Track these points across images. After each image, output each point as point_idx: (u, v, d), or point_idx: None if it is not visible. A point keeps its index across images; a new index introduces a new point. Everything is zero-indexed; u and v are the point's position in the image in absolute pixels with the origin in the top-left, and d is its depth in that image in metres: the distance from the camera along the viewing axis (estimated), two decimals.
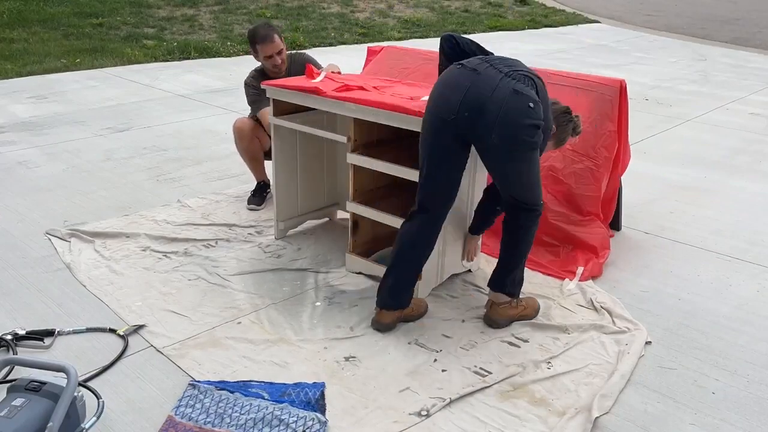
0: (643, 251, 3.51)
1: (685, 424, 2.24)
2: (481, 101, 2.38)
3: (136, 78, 7.25)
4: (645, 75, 8.44)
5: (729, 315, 2.93)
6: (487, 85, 2.40)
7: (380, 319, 2.70)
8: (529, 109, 2.38)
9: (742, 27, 13.68)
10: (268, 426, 2.13)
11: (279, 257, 3.33)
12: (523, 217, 2.64)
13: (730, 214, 4.06)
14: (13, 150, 4.81)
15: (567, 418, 2.23)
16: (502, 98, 2.37)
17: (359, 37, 10.47)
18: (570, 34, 11.99)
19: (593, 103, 3.34)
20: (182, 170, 4.52)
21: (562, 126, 2.70)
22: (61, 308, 2.82)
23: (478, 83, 2.41)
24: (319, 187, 3.69)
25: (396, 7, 13.16)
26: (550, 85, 3.43)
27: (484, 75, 2.42)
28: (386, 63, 4.04)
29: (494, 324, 2.75)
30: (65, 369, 1.99)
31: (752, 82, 8.25)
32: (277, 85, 3.21)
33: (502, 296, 2.75)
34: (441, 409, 2.27)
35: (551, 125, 2.59)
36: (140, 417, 2.19)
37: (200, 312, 2.82)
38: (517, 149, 2.44)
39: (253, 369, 2.45)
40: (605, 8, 15.56)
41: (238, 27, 10.39)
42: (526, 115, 2.38)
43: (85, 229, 3.51)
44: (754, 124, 6.23)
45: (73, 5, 10.59)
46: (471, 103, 2.40)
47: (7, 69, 7.23)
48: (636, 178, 4.55)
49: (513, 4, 14.79)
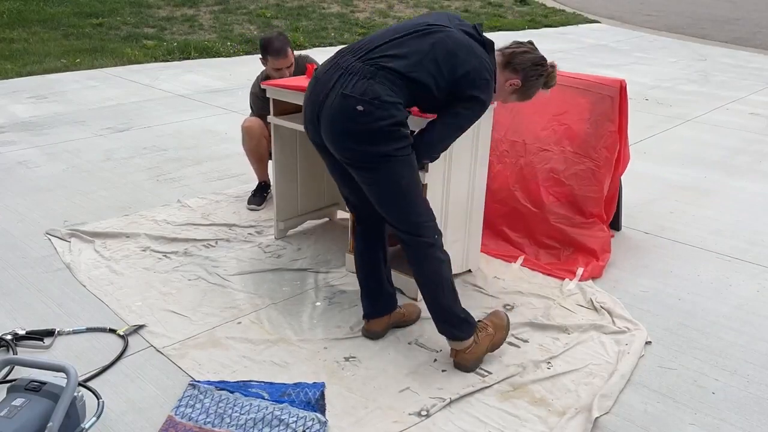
0: (643, 251, 3.51)
1: (685, 424, 2.25)
2: (315, 111, 2.20)
3: (136, 78, 7.25)
4: (645, 75, 8.44)
5: (729, 315, 2.93)
6: (321, 90, 2.17)
7: (369, 327, 2.66)
8: (357, 113, 2.09)
9: (742, 27, 13.68)
10: (268, 426, 2.13)
11: (279, 257, 3.33)
12: (407, 251, 2.36)
13: (730, 214, 4.06)
14: (13, 150, 4.81)
15: (567, 418, 2.23)
16: (330, 105, 2.14)
17: (359, 37, 10.45)
18: (570, 34, 11.99)
19: (593, 103, 3.34)
20: (182, 170, 4.52)
21: (531, 80, 2.41)
22: (61, 308, 2.82)
23: (315, 88, 2.21)
24: (319, 187, 3.69)
25: (396, 7, 13.16)
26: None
27: (324, 78, 2.20)
28: None
29: (466, 369, 2.46)
30: (65, 369, 1.99)
31: (752, 82, 8.25)
32: (277, 85, 3.21)
33: (458, 343, 2.44)
34: (441, 409, 2.27)
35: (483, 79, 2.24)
36: (140, 417, 2.19)
37: (200, 312, 2.82)
38: (360, 164, 2.18)
39: (253, 369, 2.45)
40: (605, 8, 15.55)
41: (238, 27, 10.39)
42: (352, 121, 2.11)
43: (85, 229, 3.51)
44: (754, 124, 6.23)
45: (73, 5, 10.59)
46: (308, 114, 2.24)
47: (7, 69, 7.23)
48: (636, 178, 4.55)
49: (513, 4, 14.79)
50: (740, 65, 9.52)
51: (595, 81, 3.40)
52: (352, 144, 2.15)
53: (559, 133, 3.39)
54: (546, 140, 3.40)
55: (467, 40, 2.29)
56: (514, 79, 2.43)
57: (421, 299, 2.93)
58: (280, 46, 3.61)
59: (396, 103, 2.15)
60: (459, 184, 2.94)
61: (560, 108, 3.40)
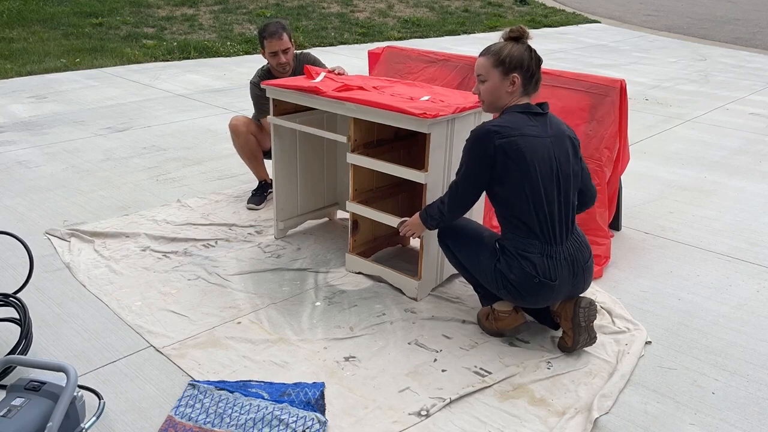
0: (643, 251, 3.51)
1: (685, 424, 2.24)
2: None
3: (136, 78, 7.25)
4: (645, 75, 8.45)
5: (729, 315, 2.93)
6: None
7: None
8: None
9: (742, 27, 13.68)
10: (267, 426, 2.13)
11: (279, 257, 3.33)
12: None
13: (730, 214, 4.06)
14: (12, 150, 4.81)
15: (567, 418, 2.22)
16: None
17: (359, 37, 10.47)
18: (570, 34, 11.99)
19: (594, 103, 3.34)
20: (182, 170, 4.52)
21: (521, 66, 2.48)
22: (61, 308, 2.81)
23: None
24: (319, 187, 3.69)
25: (396, 7, 13.16)
26: (550, 85, 3.46)
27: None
28: (389, 66, 4.04)
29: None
30: (65, 369, 1.99)
31: (752, 82, 8.26)
32: (276, 84, 3.21)
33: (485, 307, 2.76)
34: (441, 409, 2.26)
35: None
36: (140, 417, 2.19)
37: (200, 312, 2.82)
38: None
39: (253, 369, 2.45)
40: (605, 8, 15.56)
41: (238, 27, 10.39)
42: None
43: (84, 228, 3.51)
44: (754, 124, 6.23)
45: (72, 5, 10.59)
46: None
47: (7, 68, 7.23)
48: (636, 178, 4.55)
49: (513, 4, 14.79)
50: (740, 65, 9.52)
51: (595, 81, 3.40)
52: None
53: None
54: None
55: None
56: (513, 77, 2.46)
57: (422, 296, 2.94)
58: (275, 29, 3.65)
59: None
60: None
61: (560, 108, 3.39)
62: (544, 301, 2.52)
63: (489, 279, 2.53)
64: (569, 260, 2.46)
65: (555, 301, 2.54)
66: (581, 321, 2.49)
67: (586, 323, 2.51)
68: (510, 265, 2.45)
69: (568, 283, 2.48)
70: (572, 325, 2.51)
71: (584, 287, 2.57)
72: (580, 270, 2.50)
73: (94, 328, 2.68)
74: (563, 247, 2.46)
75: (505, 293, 2.50)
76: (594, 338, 2.56)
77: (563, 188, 2.46)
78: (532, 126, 2.43)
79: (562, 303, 2.57)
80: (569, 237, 2.49)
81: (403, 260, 3.28)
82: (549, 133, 2.45)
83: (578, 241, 2.52)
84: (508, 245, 2.48)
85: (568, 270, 2.46)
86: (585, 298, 2.52)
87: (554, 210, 2.44)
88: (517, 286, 2.45)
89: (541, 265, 2.42)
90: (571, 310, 2.51)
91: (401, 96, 2.95)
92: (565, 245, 2.47)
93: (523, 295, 2.47)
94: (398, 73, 3.94)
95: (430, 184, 2.77)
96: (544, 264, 2.42)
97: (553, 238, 2.44)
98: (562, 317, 2.56)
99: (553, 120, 2.51)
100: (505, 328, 2.65)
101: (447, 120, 2.75)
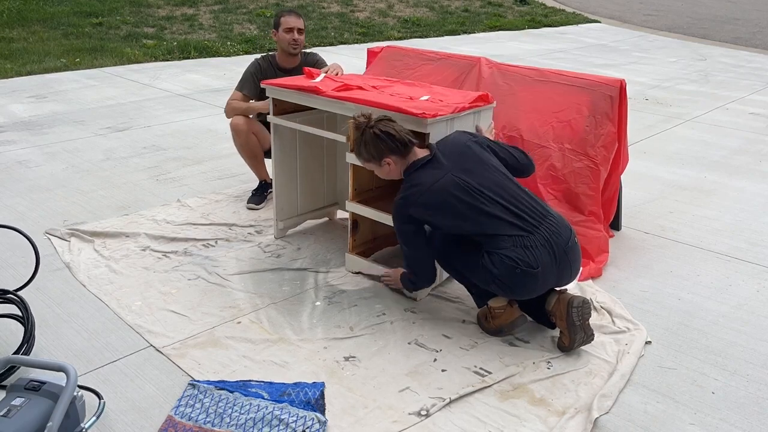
0: (643, 251, 3.51)
1: (685, 424, 2.24)
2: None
3: (136, 77, 7.25)
4: (645, 75, 8.45)
5: (729, 315, 2.93)
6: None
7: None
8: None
9: (742, 27, 13.67)
10: (267, 426, 2.13)
11: (279, 257, 3.33)
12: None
13: (730, 214, 4.06)
14: (12, 149, 4.81)
15: (567, 418, 2.22)
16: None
17: (359, 37, 10.47)
18: (570, 34, 11.99)
19: (593, 102, 3.34)
20: (182, 170, 4.52)
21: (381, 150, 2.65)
22: (61, 308, 2.81)
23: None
24: (319, 187, 3.69)
25: (396, 7, 13.16)
26: (550, 84, 3.46)
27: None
28: (387, 63, 4.04)
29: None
30: (65, 369, 1.99)
31: (752, 82, 8.26)
32: (276, 84, 3.20)
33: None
34: (441, 409, 2.26)
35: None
36: (140, 417, 2.19)
37: (200, 312, 2.82)
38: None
39: (253, 369, 2.45)
40: (605, 8, 15.56)
41: (238, 26, 10.38)
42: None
43: (84, 228, 3.51)
44: (754, 124, 6.23)
45: (72, 4, 10.59)
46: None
47: (7, 68, 7.23)
48: (636, 178, 4.55)
49: (513, 4, 14.78)
50: (740, 65, 9.52)
51: (595, 80, 3.40)
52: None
53: (557, 130, 3.38)
54: (545, 137, 3.40)
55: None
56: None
57: (422, 296, 2.94)
58: (292, 9, 3.85)
59: None
60: None
61: (560, 106, 3.40)
62: (534, 290, 2.54)
63: (479, 276, 2.56)
64: (547, 245, 2.48)
65: (545, 287, 2.56)
66: (575, 320, 2.51)
67: (581, 322, 2.52)
68: (492, 261, 2.49)
69: (552, 267, 2.50)
70: (567, 324, 2.52)
71: (573, 269, 2.58)
72: (562, 251, 2.51)
73: (94, 328, 2.68)
74: (538, 233, 2.49)
75: (495, 288, 2.54)
76: (591, 336, 2.57)
77: (498, 191, 2.53)
78: (431, 172, 2.57)
79: (556, 302, 2.57)
80: (543, 223, 2.52)
81: (403, 260, 3.28)
82: (448, 166, 2.58)
83: (554, 223, 2.54)
84: (487, 247, 2.54)
85: (549, 254, 2.48)
86: (578, 297, 2.54)
87: (504, 210, 2.50)
88: (503, 280, 2.48)
89: (520, 255, 2.46)
90: (564, 309, 2.52)
91: (400, 96, 2.95)
92: (538, 232, 2.49)
93: (512, 287, 2.51)
94: (395, 71, 3.94)
95: None
96: (522, 254, 2.46)
97: (522, 230, 2.48)
98: (557, 317, 2.57)
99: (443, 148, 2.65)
100: (502, 324, 2.66)
101: (446, 120, 2.75)
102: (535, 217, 2.52)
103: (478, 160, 2.61)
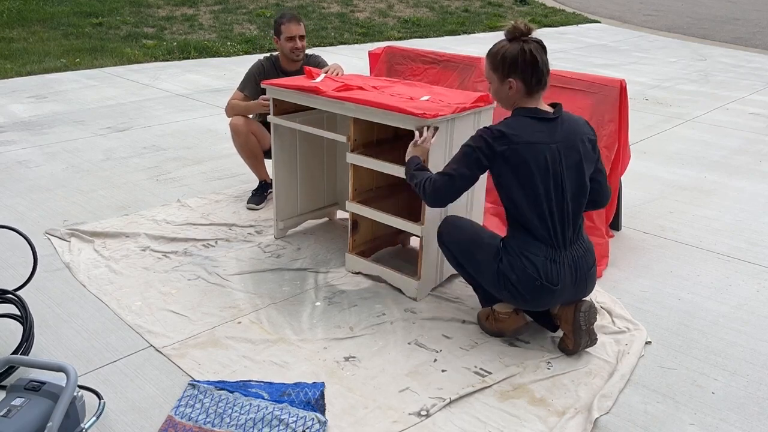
0: (643, 251, 3.50)
1: (685, 424, 2.24)
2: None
3: (136, 77, 7.25)
4: (645, 75, 8.45)
5: (729, 315, 2.93)
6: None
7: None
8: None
9: (742, 27, 13.68)
10: (267, 426, 2.13)
11: (279, 257, 3.33)
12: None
13: (730, 214, 4.06)
14: (12, 149, 4.81)
15: (567, 418, 2.22)
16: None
17: (359, 37, 10.47)
18: (570, 34, 12.00)
19: (594, 103, 3.34)
20: (182, 170, 4.52)
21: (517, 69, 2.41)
22: (61, 308, 2.81)
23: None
24: (319, 187, 3.69)
25: (396, 7, 13.16)
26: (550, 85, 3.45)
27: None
28: (389, 67, 4.04)
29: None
30: (65, 369, 1.99)
31: (752, 82, 8.26)
32: (276, 84, 3.20)
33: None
34: (441, 409, 2.26)
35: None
36: (140, 417, 2.19)
37: (200, 312, 2.82)
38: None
39: (253, 369, 2.45)
40: (605, 8, 15.56)
41: (238, 27, 10.38)
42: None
43: (84, 228, 3.51)
44: (754, 124, 6.23)
45: (72, 5, 10.59)
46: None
47: (7, 68, 7.23)
48: (636, 178, 4.55)
49: (513, 4, 14.79)
50: (740, 65, 9.52)
51: (595, 81, 3.40)
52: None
53: None
54: None
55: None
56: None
57: (422, 296, 2.94)
58: (292, 14, 3.81)
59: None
60: None
61: None
62: (545, 304, 2.51)
63: (490, 280, 2.52)
64: (573, 266, 2.46)
65: (555, 305, 2.54)
66: (582, 324, 2.49)
67: (587, 326, 2.51)
68: (512, 265, 2.43)
69: (569, 288, 2.47)
70: (573, 328, 2.51)
71: (586, 293, 2.56)
72: (583, 277, 2.49)
73: (94, 328, 2.68)
74: (568, 252, 2.45)
75: (506, 294, 2.50)
76: (595, 340, 2.56)
77: (568, 195, 2.43)
78: (538, 132, 2.39)
79: (562, 306, 2.56)
80: (575, 242, 2.48)
81: (403, 260, 3.28)
82: (556, 139, 2.40)
83: (583, 247, 2.51)
84: (512, 244, 2.46)
85: (571, 276, 2.46)
86: (585, 302, 2.52)
87: (557, 216, 2.42)
88: (518, 287, 2.44)
89: (544, 268, 2.41)
90: (571, 314, 2.51)
91: (401, 96, 2.95)
92: (569, 250, 2.46)
93: (524, 297, 2.46)
94: (398, 75, 3.94)
95: None
96: (547, 267, 2.41)
97: (557, 243, 2.43)
98: (563, 320, 2.55)
99: (565, 123, 2.45)
100: (505, 330, 2.65)
101: (447, 120, 2.75)
102: (571, 235, 2.47)
103: (579, 159, 2.45)
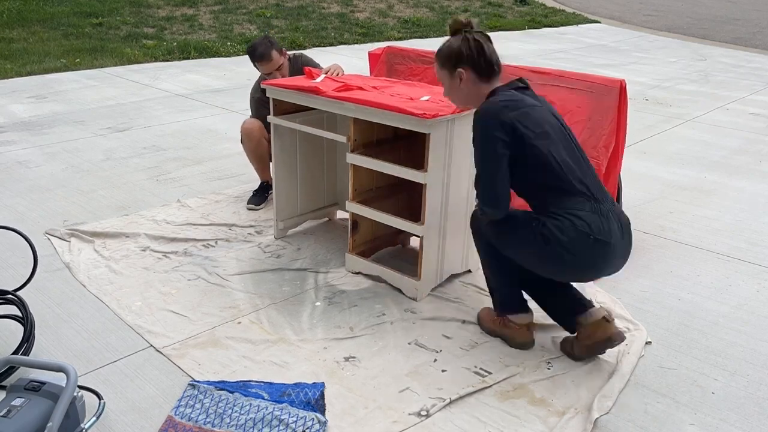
0: (643, 251, 3.50)
1: (685, 424, 2.24)
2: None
3: (136, 78, 7.25)
4: (645, 75, 8.45)
5: (729, 315, 2.93)
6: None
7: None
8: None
9: (742, 27, 13.68)
10: (267, 426, 2.13)
11: (279, 257, 3.33)
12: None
13: (730, 214, 4.06)
14: (12, 150, 4.81)
15: (567, 418, 2.22)
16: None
17: (359, 37, 10.47)
18: (570, 34, 12.00)
19: (593, 103, 3.34)
20: (182, 170, 4.52)
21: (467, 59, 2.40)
22: (61, 308, 2.81)
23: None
24: (319, 187, 3.69)
25: (396, 7, 13.16)
26: (549, 85, 3.45)
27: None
28: (389, 68, 4.04)
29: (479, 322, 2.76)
30: (65, 369, 1.99)
31: (752, 82, 8.26)
32: (276, 84, 3.21)
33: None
34: (441, 409, 2.26)
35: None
36: (140, 417, 2.19)
37: (200, 312, 2.82)
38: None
39: (253, 369, 2.45)
40: (605, 8, 15.56)
41: (238, 27, 10.38)
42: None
43: (84, 228, 3.51)
44: (754, 124, 6.23)
45: (72, 5, 10.59)
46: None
47: (7, 68, 7.23)
48: (636, 178, 4.55)
49: (513, 4, 14.79)
50: (740, 65, 9.52)
51: (595, 81, 3.40)
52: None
53: None
54: None
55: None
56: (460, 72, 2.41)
57: (422, 296, 2.94)
58: (263, 51, 3.68)
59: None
60: (459, 184, 2.94)
61: (560, 107, 3.39)
62: (602, 268, 2.34)
63: (536, 255, 2.33)
64: (616, 218, 2.32)
65: (609, 269, 2.37)
66: (603, 351, 2.50)
67: (603, 352, 2.52)
68: (561, 228, 2.25)
69: (621, 244, 2.32)
70: (592, 350, 2.49)
71: (628, 253, 2.40)
72: (628, 230, 2.36)
73: (94, 328, 2.68)
74: (605, 205, 2.32)
75: (558, 265, 2.31)
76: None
77: (578, 148, 2.39)
78: (526, 97, 2.38)
79: (596, 324, 2.42)
80: (606, 198, 2.36)
81: (402, 260, 3.28)
82: (541, 102, 2.42)
83: (612, 201, 2.40)
84: (551, 208, 2.30)
85: (619, 228, 2.31)
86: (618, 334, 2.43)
87: (583, 168, 2.34)
88: (571, 250, 2.25)
89: (595, 222, 2.25)
90: (602, 340, 2.43)
91: (401, 96, 2.95)
92: (605, 205, 2.33)
93: (578, 261, 2.27)
94: (398, 75, 3.94)
95: (430, 184, 2.77)
96: (597, 221, 2.25)
97: (593, 195, 2.31)
98: (588, 336, 2.45)
99: (532, 92, 2.45)
100: (510, 339, 2.61)
101: (447, 120, 2.75)
102: (600, 191, 2.35)
103: (561, 121, 2.42)
